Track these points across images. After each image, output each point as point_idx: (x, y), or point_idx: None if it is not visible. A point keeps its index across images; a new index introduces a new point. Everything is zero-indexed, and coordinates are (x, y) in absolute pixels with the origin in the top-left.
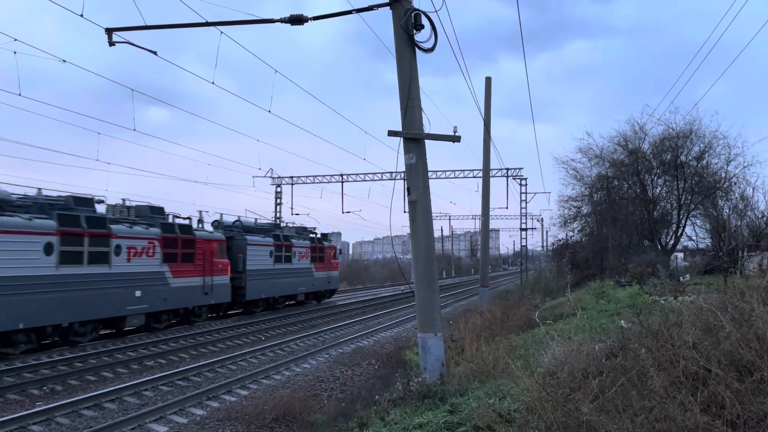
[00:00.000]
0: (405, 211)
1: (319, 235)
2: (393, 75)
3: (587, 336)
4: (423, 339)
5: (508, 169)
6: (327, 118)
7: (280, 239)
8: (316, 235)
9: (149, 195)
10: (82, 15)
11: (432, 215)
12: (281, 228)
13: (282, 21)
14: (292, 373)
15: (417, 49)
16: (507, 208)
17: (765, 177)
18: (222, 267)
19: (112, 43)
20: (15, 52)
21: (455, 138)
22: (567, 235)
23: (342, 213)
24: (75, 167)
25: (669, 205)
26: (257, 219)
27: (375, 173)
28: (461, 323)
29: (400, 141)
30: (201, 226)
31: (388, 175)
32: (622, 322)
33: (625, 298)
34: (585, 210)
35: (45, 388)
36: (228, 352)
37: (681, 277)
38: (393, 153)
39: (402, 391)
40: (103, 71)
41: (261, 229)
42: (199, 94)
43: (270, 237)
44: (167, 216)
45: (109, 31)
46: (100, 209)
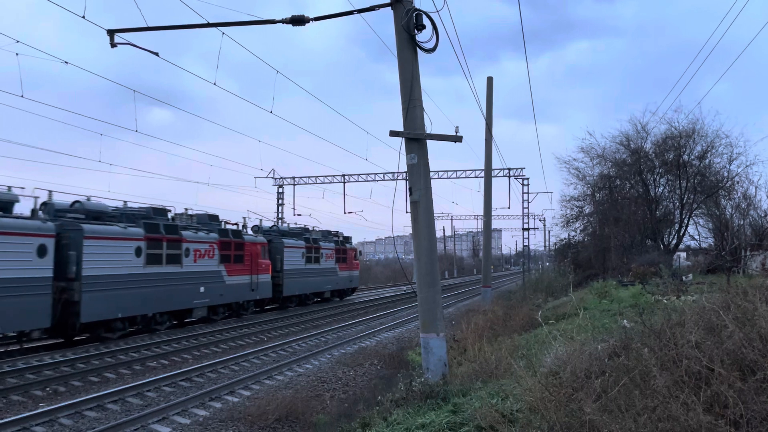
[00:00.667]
0: (407, 212)
1: (342, 238)
2: (394, 75)
3: (590, 336)
4: (425, 339)
5: (510, 169)
6: (329, 118)
7: (309, 242)
8: (338, 238)
9: (152, 196)
10: (83, 16)
11: (434, 215)
12: (310, 232)
13: (283, 22)
14: (294, 374)
15: (418, 50)
16: (509, 208)
17: (767, 176)
18: (265, 267)
19: (113, 45)
20: (17, 53)
21: (457, 138)
22: (569, 235)
23: (344, 213)
24: (77, 168)
25: (671, 205)
26: (287, 223)
27: (377, 173)
28: (464, 323)
29: (401, 141)
30: (245, 230)
31: (389, 176)
32: (624, 321)
33: (628, 297)
34: (587, 210)
35: (48, 389)
36: (230, 352)
37: (683, 277)
38: (395, 153)
39: (405, 392)
40: (105, 72)
41: (294, 233)
42: (202, 95)
43: (302, 240)
44: (221, 222)
45: (111, 33)
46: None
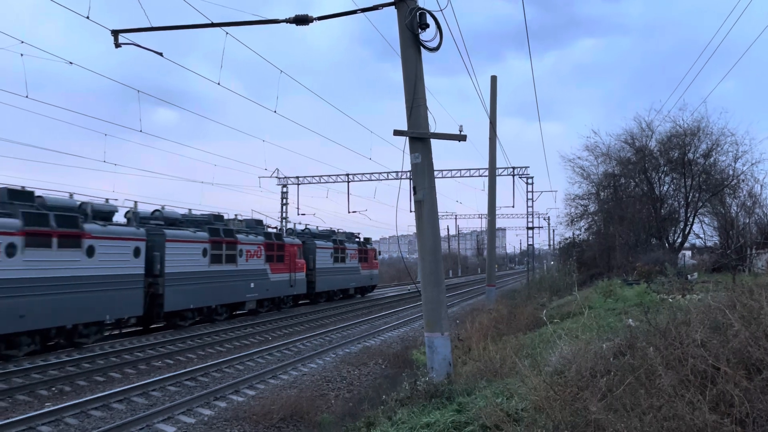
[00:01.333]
0: (411, 211)
1: (363, 239)
2: (398, 74)
3: (595, 335)
4: (430, 338)
5: (514, 168)
6: (333, 118)
7: (337, 243)
8: (360, 239)
9: (157, 196)
10: (88, 17)
11: (438, 214)
12: (336, 234)
13: (287, 21)
14: (299, 373)
15: (422, 48)
16: (513, 206)
17: None
18: (300, 266)
19: (118, 45)
20: (22, 54)
21: (461, 137)
22: (574, 234)
23: (348, 213)
24: (82, 168)
25: (676, 203)
26: (311, 226)
27: (381, 173)
28: (468, 322)
29: (405, 140)
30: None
31: (393, 175)
32: (629, 320)
33: (633, 296)
34: (592, 208)
35: (53, 388)
36: (235, 352)
37: (689, 276)
38: (399, 152)
39: (409, 391)
40: (110, 73)
41: (323, 235)
42: (207, 95)
43: (330, 242)
44: (265, 227)
45: (115, 33)
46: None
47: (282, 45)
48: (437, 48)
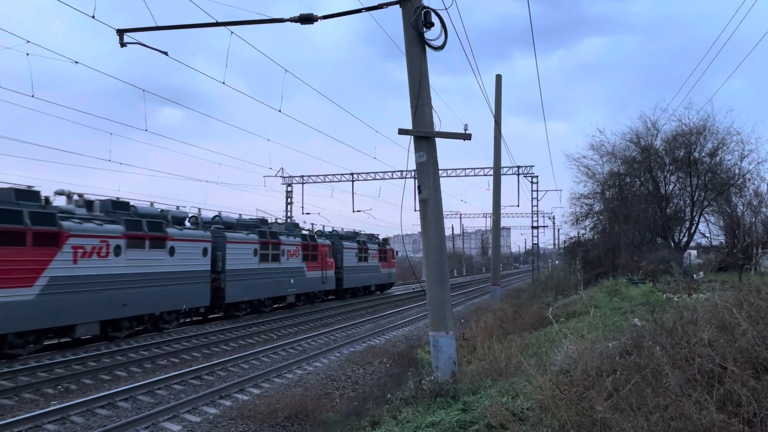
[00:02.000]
0: (416, 210)
1: (383, 240)
2: (404, 74)
3: (601, 334)
4: (434, 337)
5: (519, 167)
6: (337, 117)
7: (360, 243)
8: (379, 240)
9: (162, 195)
10: (93, 16)
11: (443, 213)
12: (359, 235)
13: (292, 20)
14: (304, 372)
15: (427, 47)
16: (518, 206)
17: None
18: (330, 264)
19: (123, 44)
20: (28, 53)
21: (466, 136)
22: (579, 233)
23: (352, 212)
24: (87, 168)
25: (682, 202)
26: (334, 228)
27: (385, 172)
28: (473, 322)
29: (410, 139)
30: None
31: (398, 174)
32: (635, 320)
33: (639, 295)
34: (597, 207)
35: (59, 387)
36: (240, 351)
37: (695, 275)
38: (403, 152)
39: (414, 390)
40: (115, 72)
41: (348, 237)
42: (212, 94)
43: (355, 242)
44: (301, 229)
45: (121, 32)
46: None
47: (287, 44)
48: (442, 47)
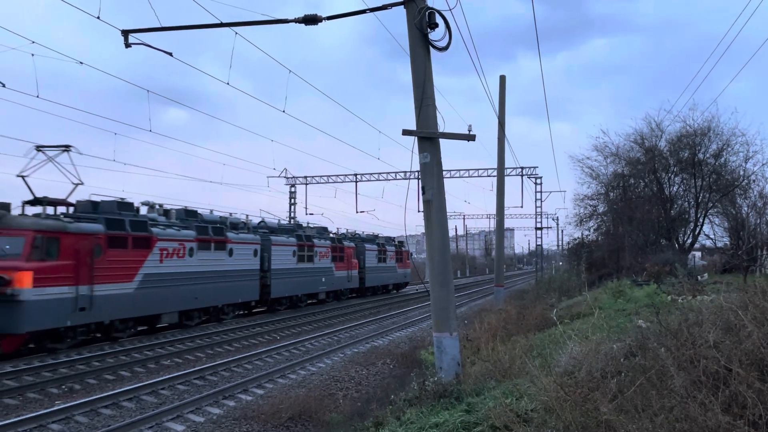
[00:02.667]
0: (419, 211)
1: (399, 242)
2: (407, 74)
3: (605, 335)
4: (438, 339)
5: (523, 168)
6: (341, 118)
7: (379, 246)
8: (396, 242)
9: (166, 195)
10: (98, 17)
11: (447, 214)
12: (378, 237)
13: (296, 21)
14: (307, 373)
15: (431, 48)
16: (522, 207)
17: None
18: (354, 264)
19: (128, 45)
20: (33, 54)
21: (470, 137)
22: (583, 234)
23: (356, 212)
24: (91, 168)
25: (686, 204)
26: (348, 229)
27: (389, 173)
28: (476, 323)
29: (414, 140)
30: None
31: (402, 175)
32: (640, 321)
33: (643, 297)
34: (601, 209)
35: (64, 386)
36: (244, 351)
37: (699, 276)
38: (407, 152)
39: (418, 391)
40: (120, 73)
41: (369, 239)
42: (217, 94)
43: (375, 244)
44: (329, 233)
45: (126, 33)
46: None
47: (291, 45)
48: (446, 47)
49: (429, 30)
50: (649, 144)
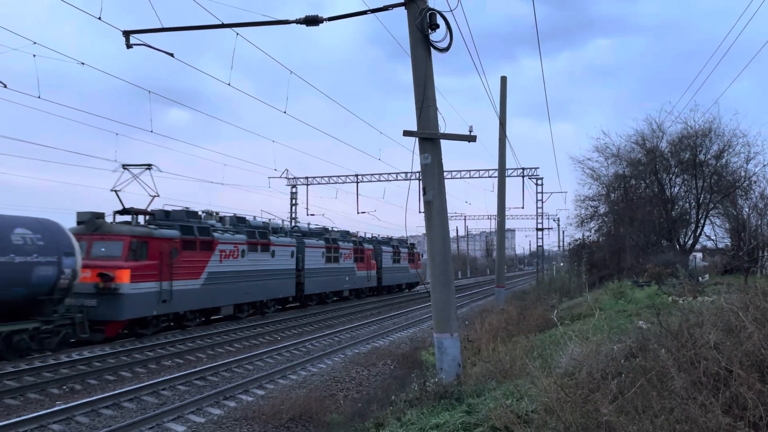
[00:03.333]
0: (420, 212)
1: (411, 243)
2: (409, 75)
3: (606, 336)
4: (439, 339)
5: (524, 169)
6: (342, 118)
7: (394, 247)
8: (407, 244)
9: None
10: (100, 18)
11: (447, 215)
12: (392, 239)
13: (297, 22)
14: (308, 373)
15: (432, 49)
16: (523, 207)
17: None
18: (373, 265)
19: (129, 46)
20: (34, 55)
21: (471, 137)
22: (584, 235)
23: (357, 213)
24: (93, 168)
25: (687, 205)
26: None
27: (390, 173)
28: (477, 323)
29: (415, 141)
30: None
31: (403, 176)
32: (641, 322)
33: (644, 298)
34: (602, 209)
35: (64, 387)
36: (244, 352)
37: (700, 277)
38: (408, 153)
39: (418, 392)
40: (122, 73)
41: (385, 241)
42: (219, 95)
43: (390, 246)
44: (351, 235)
45: (127, 34)
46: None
47: (293, 45)
48: (447, 48)
49: (430, 31)
50: (650, 145)
